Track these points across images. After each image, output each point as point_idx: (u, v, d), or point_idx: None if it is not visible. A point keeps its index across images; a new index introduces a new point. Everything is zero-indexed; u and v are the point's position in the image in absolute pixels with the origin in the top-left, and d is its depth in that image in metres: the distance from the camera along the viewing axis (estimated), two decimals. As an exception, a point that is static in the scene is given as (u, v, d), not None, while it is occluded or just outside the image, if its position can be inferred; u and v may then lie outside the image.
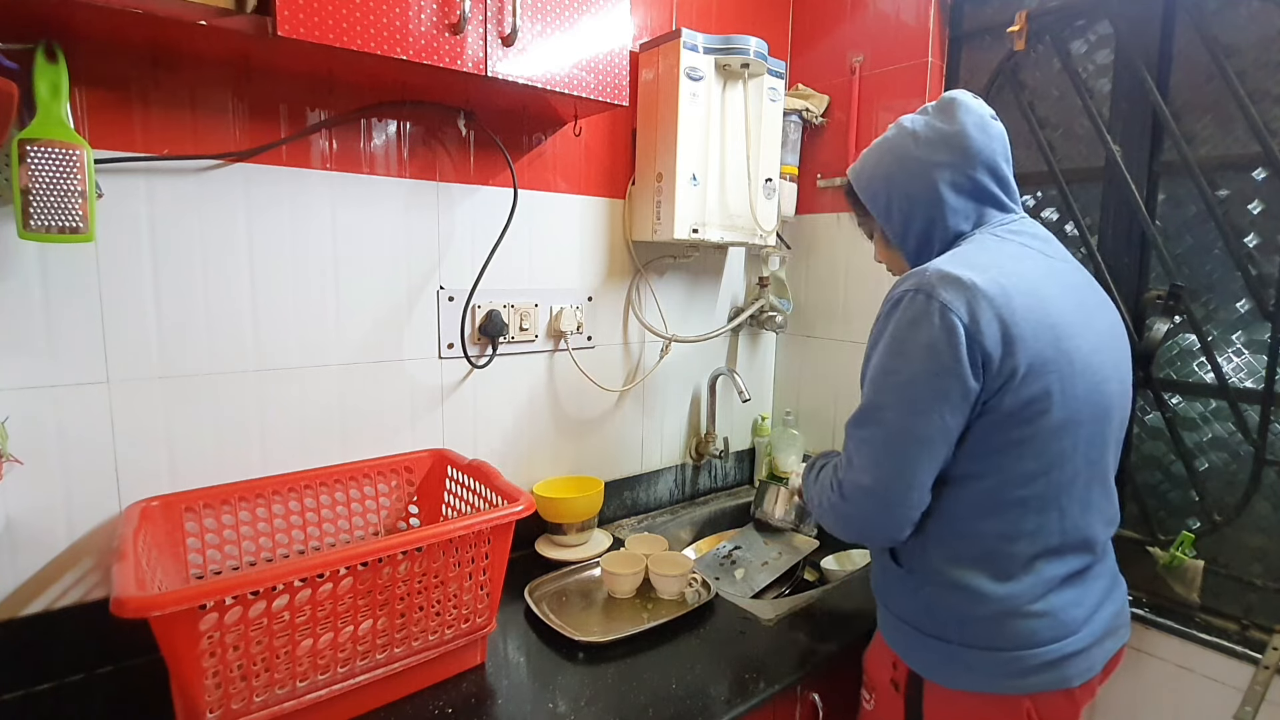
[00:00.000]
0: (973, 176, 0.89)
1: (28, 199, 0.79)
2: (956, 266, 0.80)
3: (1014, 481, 0.81)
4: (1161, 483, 1.29)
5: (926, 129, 0.91)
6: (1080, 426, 0.82)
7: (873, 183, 0.96)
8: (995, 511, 0.82)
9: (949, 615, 0.85)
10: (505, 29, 1.01)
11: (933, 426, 0.79)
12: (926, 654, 0.88)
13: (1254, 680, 1.09)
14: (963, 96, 0.92)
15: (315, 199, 1.09)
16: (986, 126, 0.90)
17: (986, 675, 0.84)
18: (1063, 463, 0.82)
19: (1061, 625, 0.83)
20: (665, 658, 1.04)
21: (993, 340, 0.76)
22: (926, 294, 0.79)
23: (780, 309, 1.71)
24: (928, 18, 1.48)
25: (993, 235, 0.88)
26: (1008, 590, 0.82)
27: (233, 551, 1.03)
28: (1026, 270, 0.83)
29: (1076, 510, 0.84)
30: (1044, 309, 0.80)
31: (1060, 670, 0.83)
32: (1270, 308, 1.13)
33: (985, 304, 0.77)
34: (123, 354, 0.96)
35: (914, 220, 0.92)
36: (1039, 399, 0.78)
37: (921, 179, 0.90)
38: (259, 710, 0.79)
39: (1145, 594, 1.28)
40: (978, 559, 0.83)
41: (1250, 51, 1.14)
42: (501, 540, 0.97)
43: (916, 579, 0.88)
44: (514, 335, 1.34)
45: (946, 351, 0.77)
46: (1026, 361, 0.77)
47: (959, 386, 0.77)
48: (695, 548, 1.59)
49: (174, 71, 0.96)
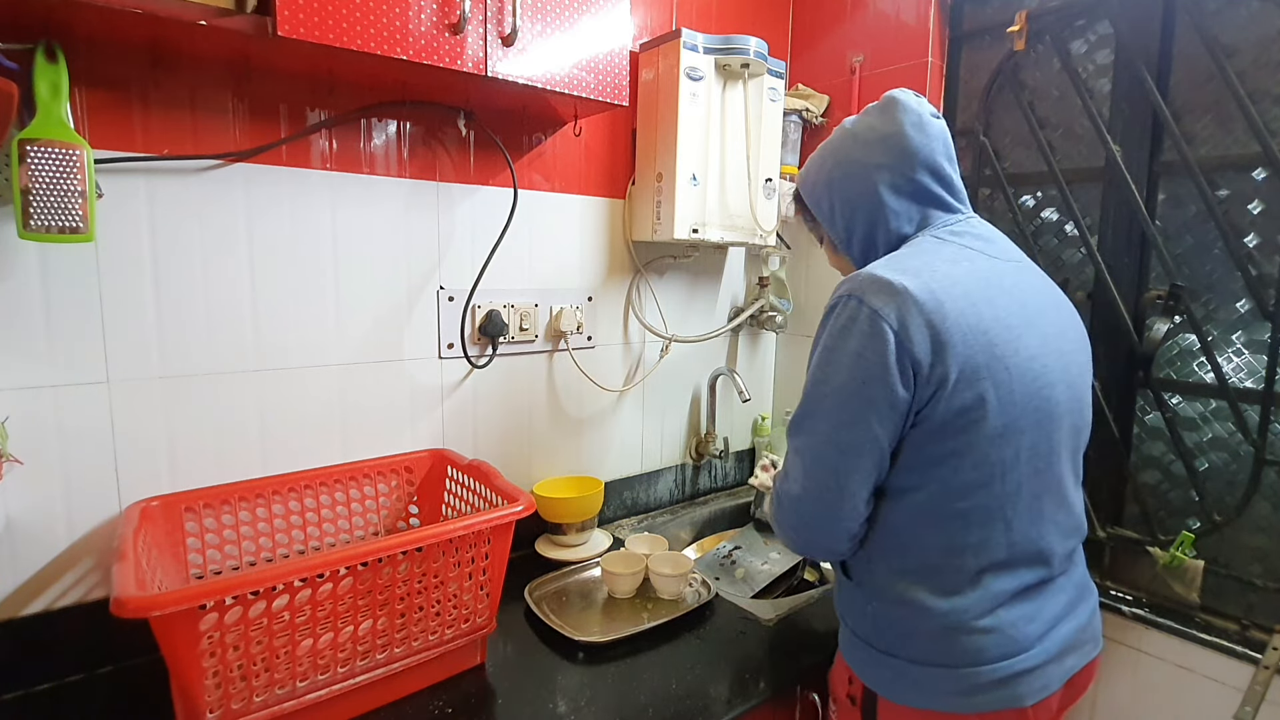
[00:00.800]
0: (912, 178, 0.86)
1: (28, 199, 0.79)
2: (888, 271, 0.78)
3: (954, 493, 0.78)
4: (1161, 483, 1.29)
5: (865, 130, 0.89)
6: (1021, 434, 0.78)
7: (815, 188, 0.94)
8: (936, 524, 0.79)
9: (896, 630, 0.83)
10: (505, 29, 1.01)
11: (861, 436, 0.76)
12: (878, 670, 0.85)
13: (1254, 680, 1.09)
14: (902, 95, 0.89)
15: (315, 199, 1.09)
16: (925, 125, 0.86)
17: (935, 693, 0.81)
18: (1004, 473, 0.78)
19: (1011, 641, 0.79)
20: (665, 658, 1.04)
21: (922, 347, 0.74)
22: (859, 299, 0.77)
23: (780, 309, 1.71)
24: (928, 18, 1.48)
25: (933, 237, 0.85)
26: (952, 605, 0.79)
27: (233, 551, 1.03)
28: (962, 273, 0.80)
29: (1024, 522, 0.80)
30: (977, 313, 0.77)
31: (1010, 688, 0.79)
32: (1270, 308, 1.13)
33: (914, 309, 0.74)
34: (123, 354, 0.96)
35: (856, 224, 0.90)
36: (973, 407, 0.75)
37: (861, 181, 0.88)
38: (259, 710, 0.79)
39: (1145, 594, 1.28)
40: (921, 573, 0.80)
41: (1250, 51, 1.14)
42: (501, 540, 0.97)
43: (865, 593, 0.86)
44: (514, 335, 1.34)
45: (874, 359, 0.74)
46: (957, 368, 0.74)
47: (886, 394, 0.75)
48: (695, 548, 1.59)
49: (174, 71, 0.96)
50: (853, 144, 0.89)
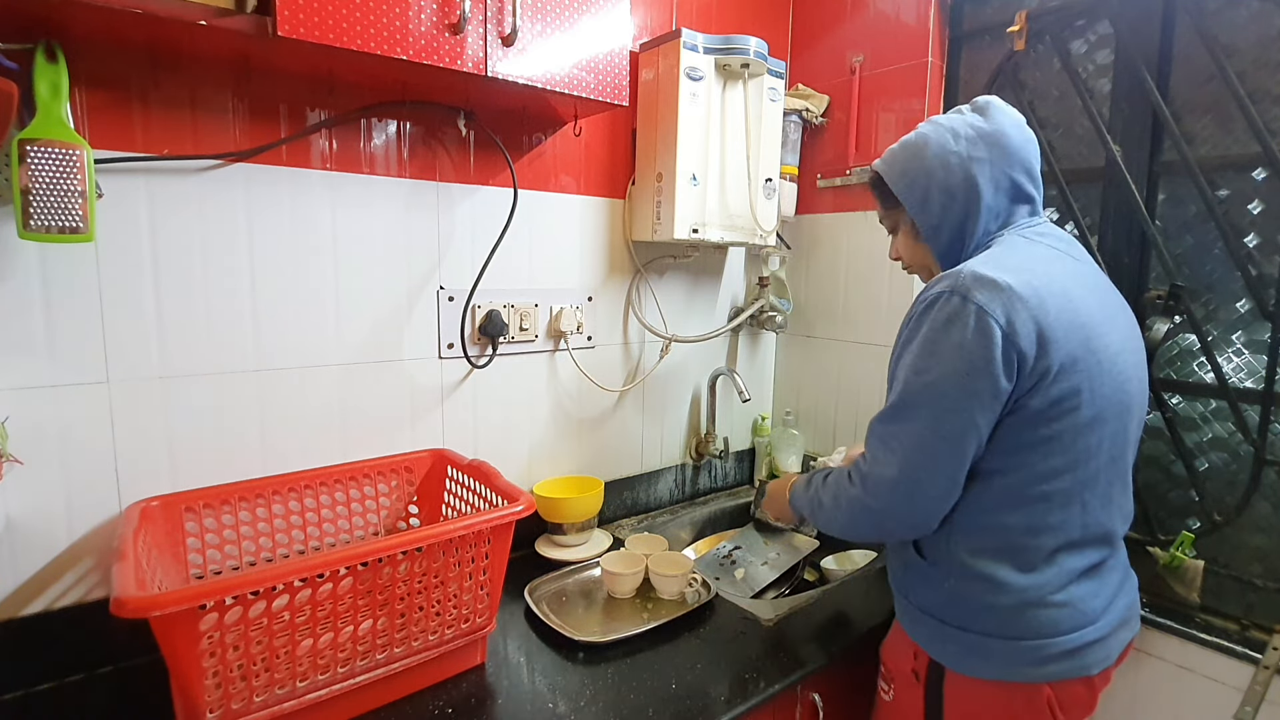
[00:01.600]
0: (1011, 175, 0.92)
1: (28, 199, 0.79)
2: (990, 269, 0.82)
3: (1040, 477, 0.83)
4: (1161, 483, 1.29)
5: (966, 127, 0.93)
6: (1106, 424, 0.85)
7: (907, 174, 0.96)
8: (1020, 505, 0.84)
9: (972, 605, 0.87)
10: (505, 29, 1.01)
11: (963, 424, 0.81)
12: (948, 644, 0.90)
13: (1254, 680, 1.09)
14: (998, 100, 0.95)
15: (315, 199, 1.09)
16: (1023, 128, 0.93)
17: (1007, 664, 0.86)
18: (1088, 459, 0.84)
19: (1081, 615, 0.86)
20: (665, 658, 1.04)
21: (1028, 341, 0.79)
22: (962, 296, 0.81)
23: (780, 309, 1.71)
24: (928, 18, 1.48)
25: (1021, 237, 0.91)
26: (1030, 581, 0.84)
27: (233, 551, 1.03)
28: (1056, 272, 0.86)
29: (1097, 505, 0.87)
30: (1074, 310, 0.83)
31: (1080, 658, 0.86)
32: (1270, 308, 1.13)
33: (1020, 306, 0.79)
34: (123, 354, 0.96)
35: (950, 214, 0.93)
36: (1068, 397, 0.81)
37: (961, 173, 0.91)
38: (259, 710, 0.79)
39: (1145, 594, 1.28)
40: (1002, 551, 0.85)
41: (1250, 51, 1.14)
42: (501, 540, 0.97)
43: (940, 570, 0.90)
44: (514, 335, 1.34)
45: (979, 352, 0.79)
46: (1059, 361, 0.80)
47: (990, 386, 0.79)
48: (695, 548, 1.59)
49: (174, 71, 0.96)
50: (951, 138, 0.93)
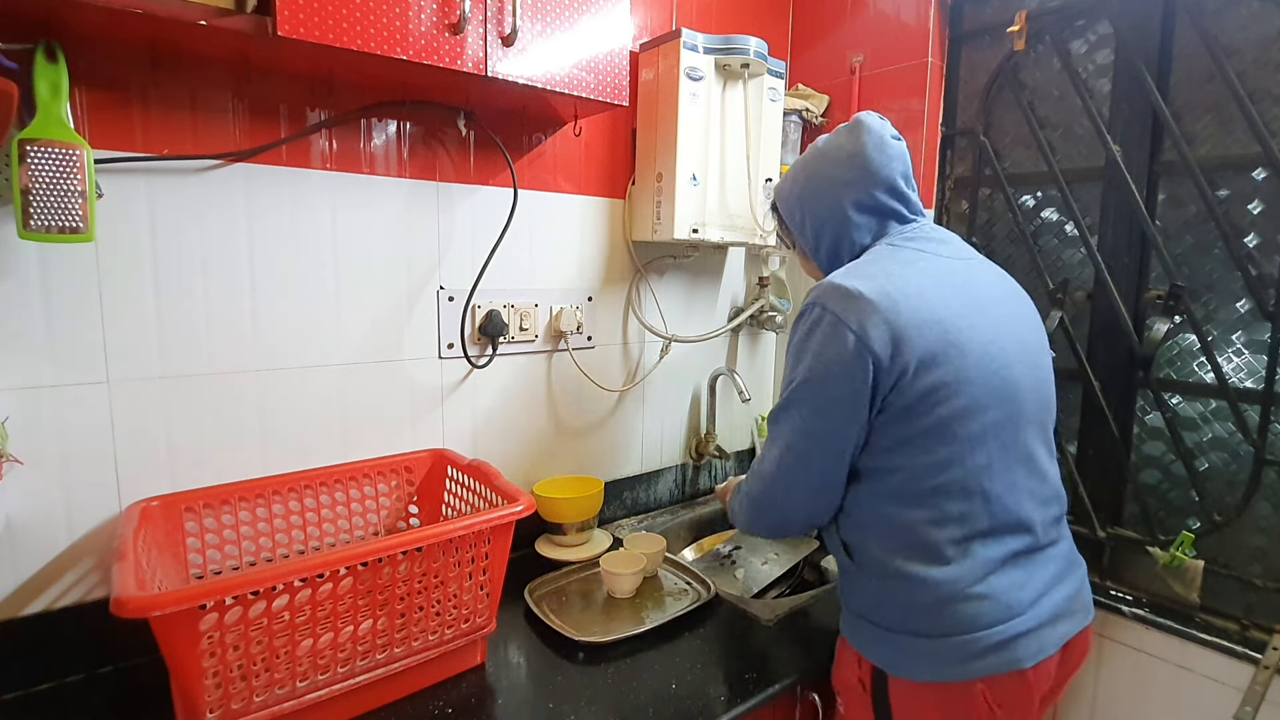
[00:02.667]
0: (873, 194, 0.96)
1: (28, 199, 0.79)
2: (848, 279, 0.88)
3: (929, 470, 0.85)
4: (1161, 483, 1.29)
5: (834, 149, 0.99)
6: (985, 411, 0.86)
7: (788, 201, 1.05)
8: (917, 500, 0.86)
9: (897, 605, 0.88)
10: (505, 29, 1.01)
11: (829, 425, 0.87)
12: (882, 648, 0.90)
13: (1254, 680, 1.08)
14: (867, 118, 0.98)
15: (315, 199, 1.09)
16: (885, 146, 0.96)
17: (936, 663, 0.86)
18: (974, 448, 0.85)
19: (1005, 607, 0.85)
20: (665, 658, 1.04)
21: (880, 343, 0.82)
22: (822, 306, 0.87)
23: (780, 309, 1.71)
24: (928, 18, 1.48)
25: (888, 244, 0.95)
26: (945, 574, 0.85)
27: (233, 551, 1.03)
28: (913, 273, 0.90)
29: (1001, 492, 0.87)
30: (930, 307, 0.86)
31: (1009, 651, 0.84)
32: (1270, 308, 1.13)
33: (871, 310, 0.83)
34: (123, 354, 0.96)
35: (824, 236, 1.00)
36: (935, 389, 0.84)
37: (829, 198, 0.98)
38: (259, 710, 0.79)
39: (1145, 594, 1.28)
40: (913, 546, 0.87)
41: (1250, 51, 1.14)
42: (501, 540, 0.97)
43: (866, 573, 0.92)
44: (514, 335, 1.34)
45: (835, 357, 0.84)
46: (916, 357, 0.83)
47: (848, 388, 0.84)
48: (695, 548, 1.59)
49: (174, 71, 0.96)
50: (822, 162, 1.00)
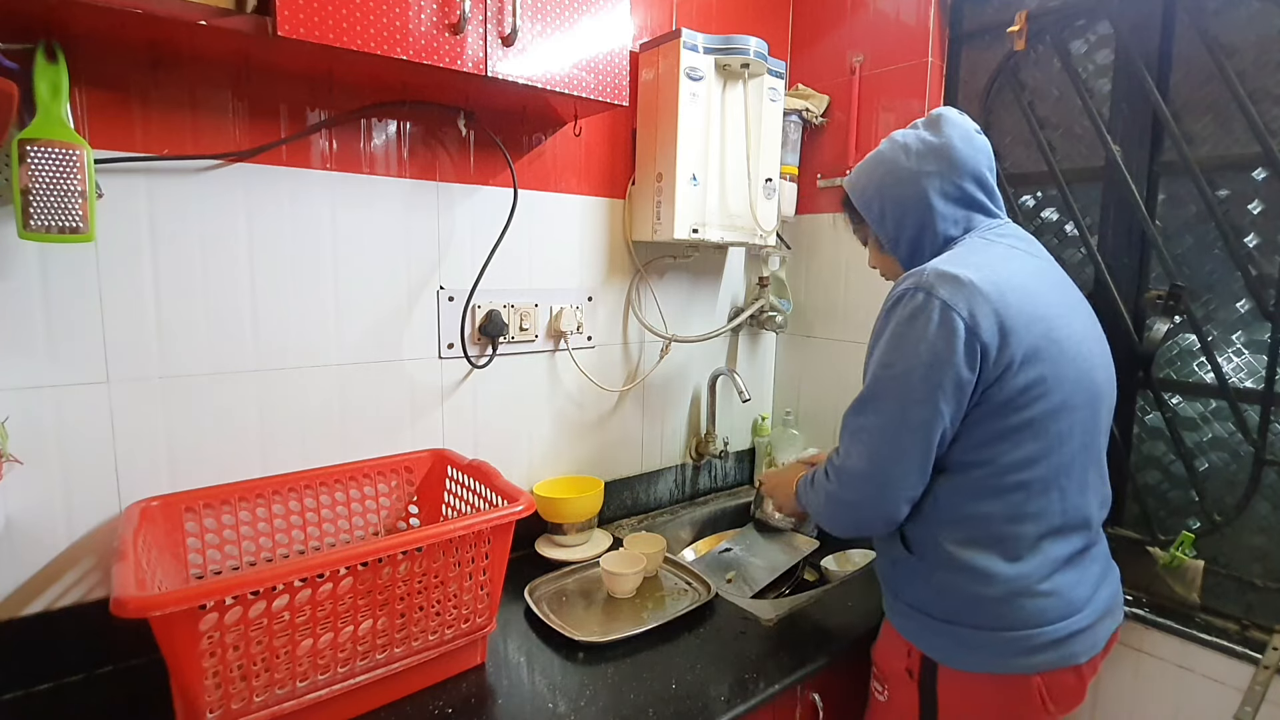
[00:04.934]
0: (960, 185, 0.95)
1: (28, 199, 0.79)
2: (953, 265, 0.86)
3: (1015, 465, 0.85)
4: (1161, 483, 1.29)
5: (917, 142, 0.97)
6: (1075, 410, 0.87)
7: (865, 192, 1.02)
8: (999, 494, 0.86)
9: (960, 598, 0.88)
10: (505, 29, 1.01)
11: (928, 415, 0.83)
12: (938, 638, 0.91)
13: (1254, 680, 1.09)
14: (949, 112, 0.98)
15: (315, 199, 1.09)
16: (971, 139, 0.96)
17: (997, 656, 0.87)
18: (1060, 445, 0.86)
19: (1067, 604, 0.87)
20: (665, 658, 1.04)
21: (990, 333, 0.81)
22: (926, 291, 0.84)
23: (780, 309, 1.71)
24: (928, 18, 1.48)
25: (981, 239, 0.94)
26: (1017, 570, 0.86)
27: (233, 551, 1.03)
28: (1015, 268, 0.89)
29: (1075, 491, 0.89)
30: (1034, 303, 0.86)
31: (1068, 647, 0.87)
32: (1270, 308, 1.13)
33: (981, 299, 0.82)
34: (123, 354, 0.96)
35: (906, 227, 0.98)
36: (1034, 385, 0.83)
37: (912, 187, 0.96)
38: (259, 710, 0.79)
39: (1145, 594, 1.28)
40: (987, 541, 0.87)
41: (1250, 51, 1.14)
42: (501, 540, 0.97)
43: (928, 564, 0.91)
44: (514, 335, 1.33)
45: (943, 345, 0.82)
46: (1022, 351, 0.83)
47: (954, 377, 0.82)
48: (695, 548, 1.59)
49: (174, 71, 0.96)
50: (904, 154, 0.97)
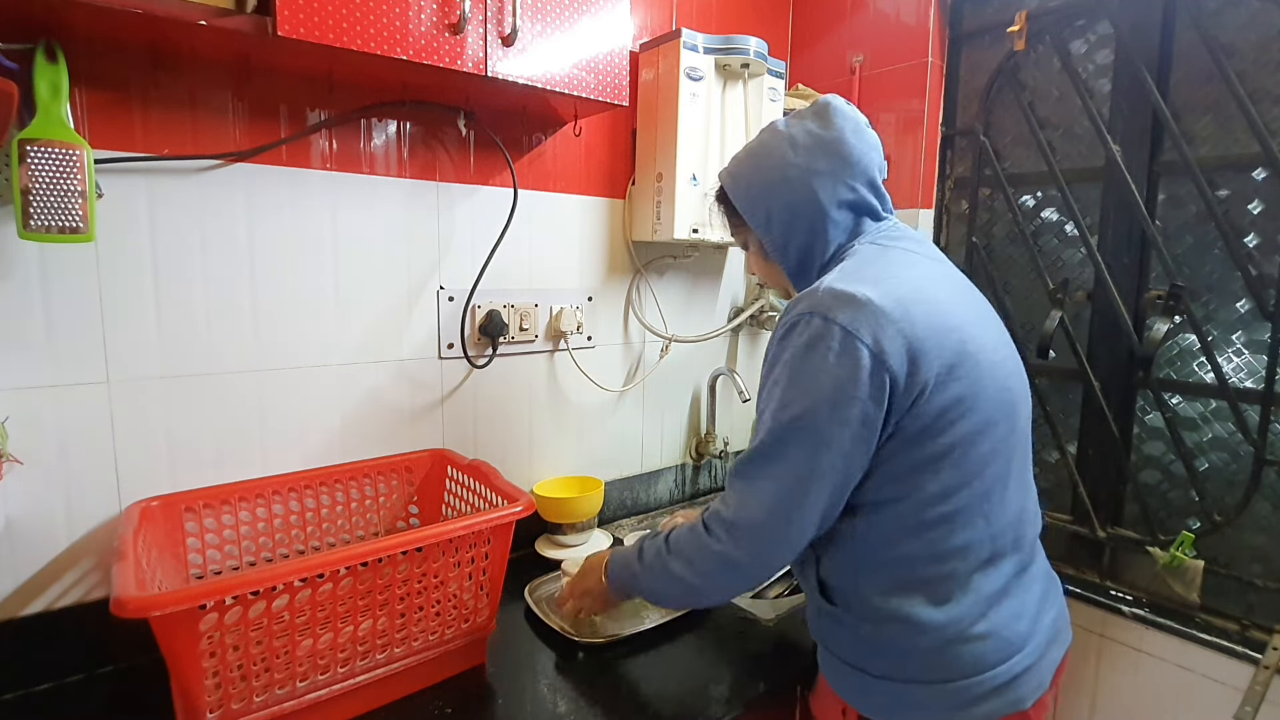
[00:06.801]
0: (853, 186, 0.84)
1: (28, 199, 0.79)
2: (848, 283, 0.75)
3: (936, 498, 0.76)
4: (1161, 483, 1.29)
5: (804, 135, 0.85)
6: (995, 427, 0.78)
7: (750, 190, 0.89)
8: (921, 532, 0.77)
9: (892, 651, 0.80)
10: (505, 29, 1.01)
11: (833, 457, 0.73)
12: (875, 696, 0.82)
13: (1254, 680, 1.09)
14: (838, 101, 0.87)
15: (315, 199, 1.09)
16: (863, 133, 0.85)
17: (937, 711, 0.79)
18: (983, 470, 0.77)
19: (1006, 644, 0.78)
20: (665, 658, 1.04)
21: (898, 359, 0.72)
22: (823, 317, 0.73)
23: (780, 309, 1.71)
24: (928, 18, 1.48)
25: (873, 245, 0.84)
26: (948, 615, 0.77)
27: (233, 551, 1.03)
28: (916, 277, 0.79)
29: (999, 513, 0.80)
30: (943, 315, 0.76)
31: (1013, 692, 0.78)
32: (1270, 308, 1.13)
33: (885, 321, 0.72)
34: (123, 354, 0.96)
35: (795, 233, 0.86)
36: (951, 407, 0.74)
37: (802, 189, 0.84)
38: (259, 710, 0.79)
39: (1145, 594, 1.28)
40: (912, 585, 0.78)
41: (1250, 51, 1.14)
42: (501, 540, 0.96)
43: (854, 616, 0.82)
44: (514, 335, 1.33)
45: (846, 379, 0.71)
46: (934, 373, 0.73)
47: (860, 413, 0.72)
48: (695, 548, 1.59)
49: (174, 71, 0.96)
50: (790, 148, 0.85)
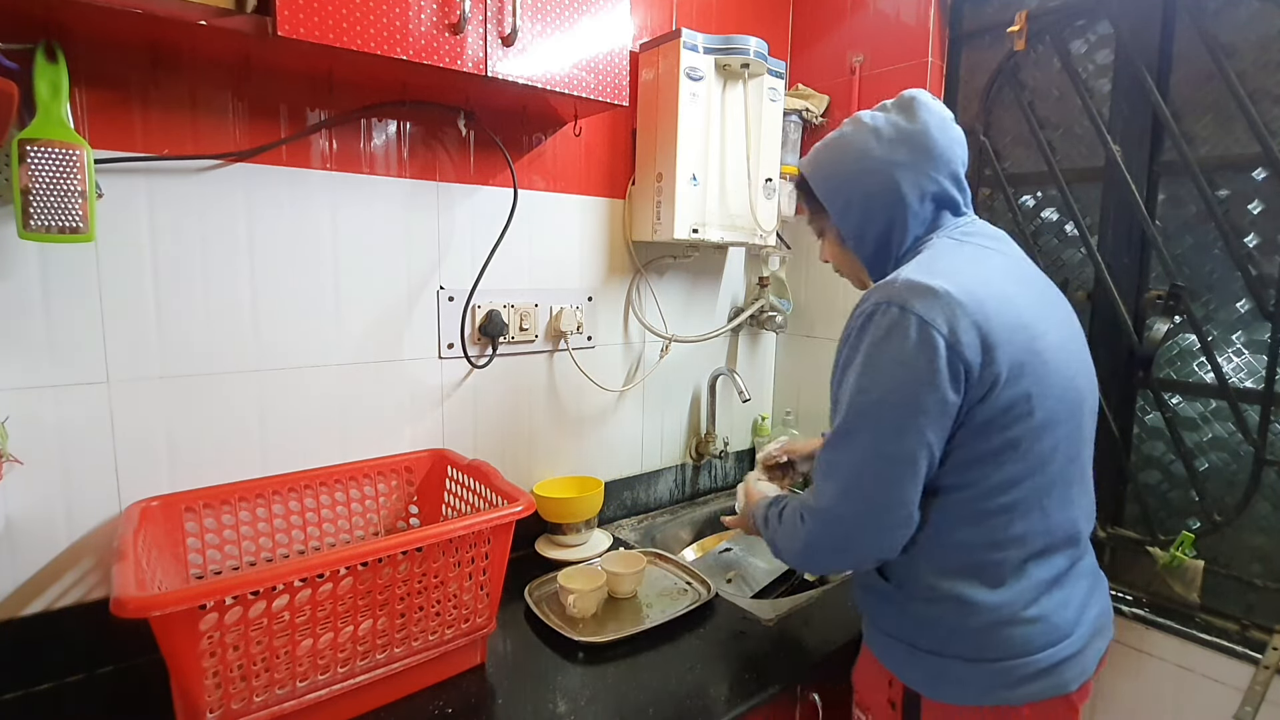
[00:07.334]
0: (936, 179, 0.86)
1: (28, 199, 0.79)
2: (924, 275, 0.77)
3: (998, 488, 0.79)
4: (1161, 483, 1.29)
5: (889, 127, 0.87)
6: (1059, 425, 0.80)
7: (830, 180, 0.91)
8: (981, 520, 0.80)
9: (942, 628, 0.83)
10: (505, 29, 1.01)
11: (913, 444, 0.76)
12: (921, 670, 0.85)
13: (1254, 680, 1.09)
14: (923, 95, 0.89)
15: (315, 199, 1.09)
16: (948, 128, 0.87)
17: (982, 687, 0.81)
18: (1044, 464, 0.80)
19: (1054, 629, 0.81)
20: (665, 658, 1.04)
21: (972, 349, 0.74)
22: (900, 306, 0.76)
23: (780, 309, 1.71)
24: (928, 18, 1.48)
25: (950, 239, 0.86)
26: (1000, 598, 0.80)
27: (233, 551, 1.03)
28: (989, 272, 0.82)
29: (1058, 509, 0.82)
30: (1014, 309, 0.78)
31: (1057, 676, 0.81)
32: (1270, 308, 1.13)
33: (960, 312, 0.74)
34: (123, 354, 0.96)
35: (874, 223, 0.88)
36: (1019, 403, 0.76)
37: (883, 179, 0.86)
38: (259, 710, 0.79)
39: (1145, 594, 1.28)
40: (969, 569, 0.81)
41: (1250, 51, 1.14)
42: (501, 540, 0.97)
43: (906, 594, 0.85)
44: (514, 335, 1.33)
45: (924, 366, 0.74)
46: (1006, 366, 0.75)
47: (938, 400, 0.74)
48: (695, 548, 1.59)
49: (174, 71, 0.96)
50: (874, 140, 0.87)
